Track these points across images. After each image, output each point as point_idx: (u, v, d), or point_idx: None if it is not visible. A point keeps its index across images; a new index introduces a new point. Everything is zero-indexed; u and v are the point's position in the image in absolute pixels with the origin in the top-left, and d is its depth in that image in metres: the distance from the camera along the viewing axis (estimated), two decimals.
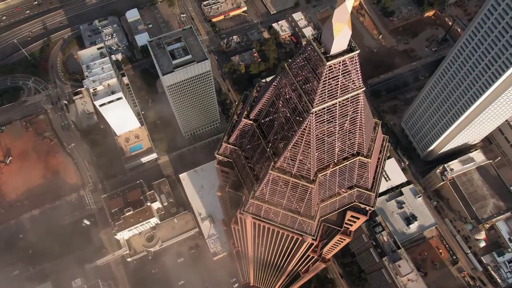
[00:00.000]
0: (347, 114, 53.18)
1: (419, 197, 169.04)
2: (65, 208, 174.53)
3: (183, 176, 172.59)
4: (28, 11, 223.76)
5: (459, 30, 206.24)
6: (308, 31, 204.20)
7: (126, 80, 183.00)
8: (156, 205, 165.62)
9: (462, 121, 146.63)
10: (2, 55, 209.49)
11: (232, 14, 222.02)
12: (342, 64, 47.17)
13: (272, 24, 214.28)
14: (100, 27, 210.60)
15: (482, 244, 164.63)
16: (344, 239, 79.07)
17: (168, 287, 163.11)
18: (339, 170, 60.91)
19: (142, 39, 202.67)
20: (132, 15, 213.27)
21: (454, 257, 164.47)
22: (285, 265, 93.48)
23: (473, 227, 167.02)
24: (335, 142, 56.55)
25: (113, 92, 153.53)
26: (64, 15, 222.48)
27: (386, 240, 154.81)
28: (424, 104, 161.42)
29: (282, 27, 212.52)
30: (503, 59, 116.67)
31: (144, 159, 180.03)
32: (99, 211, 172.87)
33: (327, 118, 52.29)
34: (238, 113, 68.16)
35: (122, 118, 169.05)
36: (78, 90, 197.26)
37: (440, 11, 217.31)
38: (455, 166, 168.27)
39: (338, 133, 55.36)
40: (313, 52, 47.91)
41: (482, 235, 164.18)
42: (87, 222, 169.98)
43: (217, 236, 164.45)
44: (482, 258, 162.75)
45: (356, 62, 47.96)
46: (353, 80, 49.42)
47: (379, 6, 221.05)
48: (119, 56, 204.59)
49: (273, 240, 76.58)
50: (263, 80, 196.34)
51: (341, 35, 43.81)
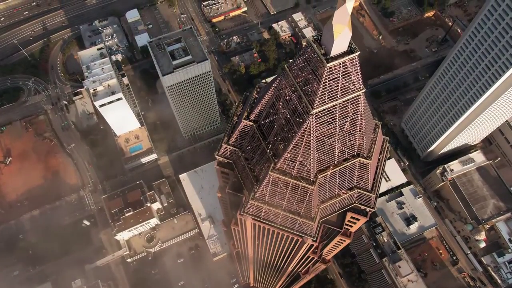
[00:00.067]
0: (347, 116, 53.14)
1: (419, 197, 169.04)
2: (65, 209, 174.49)
3: (183, 176, 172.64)
4: (26, 12, 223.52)
5: (459, 31, 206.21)
6: (308, 32, 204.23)
7: (126, 80, 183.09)
8: (156, 205, 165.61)
9: (462, 121, 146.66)
10: (2, 56, 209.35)
11: (232, 14, 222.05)
12: (343, 66, 47.11)
13: (272, 25, 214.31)
14: (100, 28, 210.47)
15: (482, 244, 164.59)
16: (344, 240, 78.94)
17: (168, 287, 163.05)
18: (339, 171, 60.82)
19: (142, 39, 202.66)
20: (132, 15, 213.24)
21: (454, 257, 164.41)
22: (285, 266, 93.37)
23: (473, 227, 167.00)
24: (335, 143, 56.47)
25: (113, 93, 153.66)
26: (64, 15, 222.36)
27: (386, 240, 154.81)
28: (424, 104, 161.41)
29: (282, 28, 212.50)
30: (503, 60, 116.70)
31: (144, 160, 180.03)
32: (99, 212, 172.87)
33: (327, 120, 52.20)
34: (238, 114, 68.01)
35: (122, 118, 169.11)
36: (78, 90, 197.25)
37: (440, 12, 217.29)
38: (455, 166, 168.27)
39: (338, 134, 55.28)
40: (313, 54, 47.86)
41: (482, 236, 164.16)
42: (87, 223, 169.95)
43: (217, 237, 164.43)
44: (482, 258, 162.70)
45: (356, 64, 47.92)
46: (353, 82, 49.37)
47: (379, 7, 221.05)
48: (119, 57, 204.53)
49: (273, 241, 76.47)
50: (263, 81, 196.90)
51: (341, 36, 43.74)
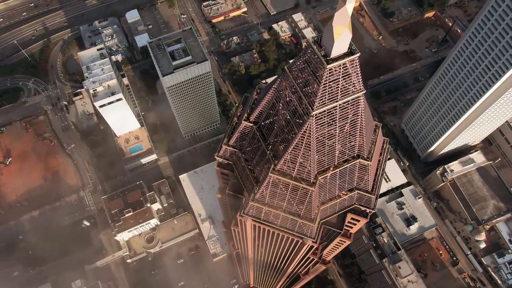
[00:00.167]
0: (348, 117, 53.13)
1: (419, 198, 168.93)
2: (65, 209, 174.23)
3: (183, 177, 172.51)
4: (25, 13, 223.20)
5: (459, 31, 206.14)
6: (308, 32, 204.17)
7: (126, 81, 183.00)
8: (156, 206, 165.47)
9: (462, 122, 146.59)
10: (2, 56, 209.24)
11: (232, 15, 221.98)
12: (343, 67, 47.12)
13: (272, 25, 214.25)
14: (100, 28, 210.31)
15: (482, 245, 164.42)
16: (345, 241, 78.90)
17: None
18: (339, 172, 60.78)
19: (142, 40, 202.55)
20: (132, 16, 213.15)
21: (454, 258, 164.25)
22: (285, 267, 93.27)
23: (473, 228, 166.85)
24: (336, 144, 56.44)
25: (113, 93, 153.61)
26: (64, 16, 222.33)
27: (386, 241, 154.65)
28: (424, 105, 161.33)
29: (282, 28, 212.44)
30: (503, 60, 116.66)
31: (144, 160, 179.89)
32: (99, 212, 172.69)
33: (327, 121, 52.18)
34: (238, 115, 68.02)
35: (122, 119, 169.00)
36: (78, 91, 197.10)
37: (440, 12, 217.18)
38: (455, 167, 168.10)
39: (339, 135, 55.26)
40: (313, 55, 47.85)
41: (482, 236, 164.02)
42: (87, 223, 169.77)
43: (217, 237, 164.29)
44: (482, 259, 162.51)
45: (356, 65, 47.92)
46: (353, 83, 49.38)
47: (379, 7, 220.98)
48: (119, 57, 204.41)
49: (273, 243, 76.38)
50: (263, 81, 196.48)
51: (341, 38, 43.73)
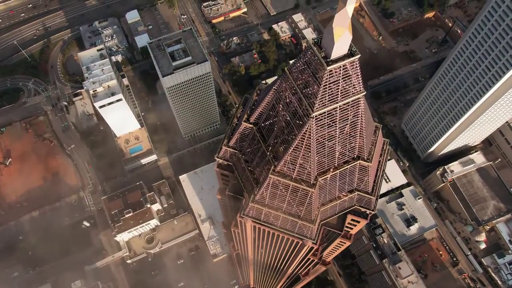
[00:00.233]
0: (348, 118, 53.07)
1: (419, 198, 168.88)
2: (64, 210, 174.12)
3: (183, 177, 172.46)
4: (23, 14, 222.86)
5: (459, 32, 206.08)
6: (308, 33, 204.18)
7: (126, 81, 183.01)
8: (156, 206, 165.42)
9: (463, 122, 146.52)
10: (2, 56, 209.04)
11: (232, 15, 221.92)
12: (343, 69, 47.05)
13: (272, 26, 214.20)
14: (100, 29, 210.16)
15: (483, 246, 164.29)
16: (345, 243, 78.83)
17: None
18: (339, 174, 60.70)
19: (142, 40, 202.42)
20: (132, 16, 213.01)
21: (455, 259, 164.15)
22: (285, 268, 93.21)
23: (473, 228, 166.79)
24: (336, 146, 56.38)
25: (113, 94, 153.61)
26: (64, 16, 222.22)
27: (386, 242, 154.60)
28: (424, 105, 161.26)
29: (282, 29, 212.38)
30: (503, 61, 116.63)
31: (144, 161, 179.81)
32: (99, 213, 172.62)
33: (327, 122, 52.13)
34: (238, 116, 67.93)
35: (122, 119, 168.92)
36: (78, 91, 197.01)
37: (440, 13, 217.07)
38: (455, 167, 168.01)
39: (339, 137, 55.20)
40: (313, 57, 47.78)
41: (483, 237, 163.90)
42: (86, 224, 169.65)
43: (217, 238, 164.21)
44: (482, 260, 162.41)
45: (356, 67, 47.86)
46: (353, 84, 49.31)
47: (379, 8, 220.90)
48: (119, 58, 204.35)
49: (273, 244, 76.32)
50: (263, 82, 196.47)
51: (341, 39, 43.67)
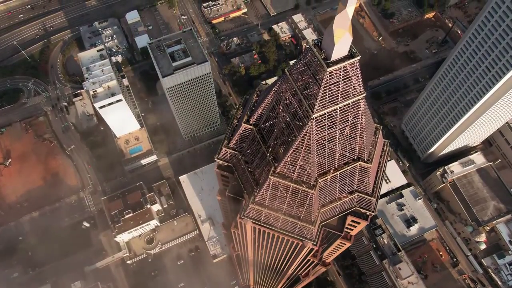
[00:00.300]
0: (348, 120, 53.01)
1: (419, 199, 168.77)
2: (64, 210, 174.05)
3: (183, 178, 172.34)
4: (21, 15, 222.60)
5: (459, 32, 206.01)
6: (308, 33, 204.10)
7: (126, 82, 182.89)
8: (156, 207, 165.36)
9: (463, 123, 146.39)
10: (2, 57, 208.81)
11: (232, 16, 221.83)
12: (343, 70, 47.00)
13: (272, 26, 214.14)
14: (100, 29, 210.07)
15: (483, 246, 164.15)
16: (345, 244, 78.79)
17: None
18: (339, 175, 60.64)
19: (142, 41, 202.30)
20: (132, 16, 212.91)
21: (455, 259, 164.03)
22: (285, 269, 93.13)
23: (473, 229, 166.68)
24: (336, 147, 56.32)
25: (113, 94, 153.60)
26: (64, 16, 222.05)
27: (386, 242, 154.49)
28: (425, 106, 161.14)
29: (282, 29, 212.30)
30: (503, 62, 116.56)
31: (144, 161, 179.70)
32: (99, 213, 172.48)
33: (327, 124, 52.06)
34: (238, 117, 67.89)
35: (122, 120, 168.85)
36: (78, 92, 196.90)
37: (440, 13, 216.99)
38: (456, 168, 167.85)
39: (339, 138, 55.13)
40: (313, 58, 47.71)
41: (483, 238, 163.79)
42: (86, 224, 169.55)
43: (217, 239, 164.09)
44: (482, 260, 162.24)
45: (357, 68, 47.82)
46: (353, 86, 49.25)
47: (379, 8, 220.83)
48: (119, 58, 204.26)
49: (273, 245, 76.21)
50: (263, 82, 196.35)
51: (342, 41, 43.62)
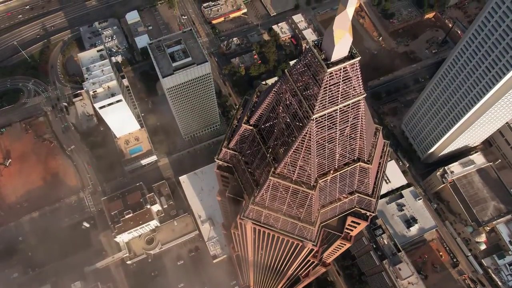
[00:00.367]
0: (348, 120, 52.98)
1: (419, 199, 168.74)
2: (64, 211, 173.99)
3: (183, 178, 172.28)
4: (20, 16, 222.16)
5: (459, 32, 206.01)
6: (308, 33, 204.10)
7: (126, 82, 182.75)
8: (156, 207, 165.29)
9: (463, 123, 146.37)
10: (2, 57, 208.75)
11: (232, 16, 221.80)
12: (343, 71, 46.98)
13: (272, 26, 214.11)
14: (100, 29, 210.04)
15: (483, 246, 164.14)
16: (345, 244, 78.75)
17: None
18: (339, 176, 60.60)
19: (142, 41, 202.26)
20: (132, 17, 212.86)
21: (455, 259, 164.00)
22: (285, 269, 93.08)
23: (473, 229, 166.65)
24: (336, 148, 56.27)
25: (113, 95, 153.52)
26: (64, 17, 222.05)
27: (386, 243, 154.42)
28: (425, 106, 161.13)
29: (282, 29, 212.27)
30: (503, 62, 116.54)
31: (144, 162, 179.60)
32: (99, 214, 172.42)
33: (328, 124, 52.03)
34: (238, 118, 67.86)
35: (122, 120, 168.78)
36: (78, 92, 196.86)
37: (440, 13, 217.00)
38: (456, 168, 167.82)
39: (339, 139, 55.09)
40: (313, 59, 47.67)
41: (483, 238, 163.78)
42: (86, 225, 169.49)
43: (217, 239, 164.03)
44: (482, 260, 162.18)
45: (357, 69, 47.81)
46: (354, 87, 49.22)
47: (379, 8, 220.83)
48: (119, 58, 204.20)
49: (273, 246, 76.16)
50: (263, 82, 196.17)
51: (342, 42, 43.59)
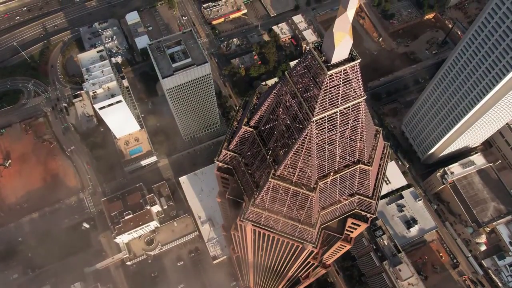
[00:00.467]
0: (348, 123, 52.89)
1: (419, 200, 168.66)
2: (64, 211, 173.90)
3: (183, 179, 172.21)
4: (18, 17, 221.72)
5: (459, 33, 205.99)
6: (308, 34, 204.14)
7: (126, 83, 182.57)
8: (155, 208, 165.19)
9: (463, 124, 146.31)
10: (2, 58, 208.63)
11: (232, 16, 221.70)
12: (343, 73, 46.88)
13: (272, 27, 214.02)
14: (100, 30, 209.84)
15: (483, 247, 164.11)
16: (345, 246, 78.61)
17: None
18: (339, 178, 60.51)
19: (142, 41, 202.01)
20: (132, 17, 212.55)
21: (455, 260, 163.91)
22: (285, 271, 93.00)
23: (473, 230, 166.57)
24: (336, 150, 56.18)
25: (112, 95, 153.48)
26: (64, 17, 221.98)
27: (386, 243, 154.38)
28: (425, 107, 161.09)
29: (282, 30, 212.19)
30: (503, 63, 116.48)
31: (143, 162, 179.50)
32: (99, 215, 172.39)
33: (328, 127, 51.95)
34: (238, 119, 67.78)
35: (122, 121, 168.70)
36: (78, 93, 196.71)
37: (440, 14, 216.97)
38: (456, 169, 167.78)
39: (339, 141, 55.01)
40: (313, 61, 47.59)
41: (483, 239, 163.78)
42: (86, 226, 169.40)
43: (217, 240, 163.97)
44: (482, 261, 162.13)
45: (357, 71, 47.72)
46: (354, 89, 49.14)
47: (379, 9, 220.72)
48: (119, 59, 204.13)
49: (273, 247, 76.09)
50: (263, 83, 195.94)
51: (342, 44, 43.50)
